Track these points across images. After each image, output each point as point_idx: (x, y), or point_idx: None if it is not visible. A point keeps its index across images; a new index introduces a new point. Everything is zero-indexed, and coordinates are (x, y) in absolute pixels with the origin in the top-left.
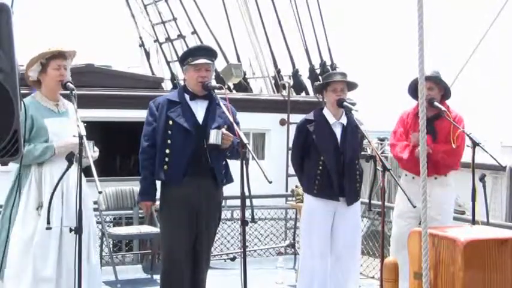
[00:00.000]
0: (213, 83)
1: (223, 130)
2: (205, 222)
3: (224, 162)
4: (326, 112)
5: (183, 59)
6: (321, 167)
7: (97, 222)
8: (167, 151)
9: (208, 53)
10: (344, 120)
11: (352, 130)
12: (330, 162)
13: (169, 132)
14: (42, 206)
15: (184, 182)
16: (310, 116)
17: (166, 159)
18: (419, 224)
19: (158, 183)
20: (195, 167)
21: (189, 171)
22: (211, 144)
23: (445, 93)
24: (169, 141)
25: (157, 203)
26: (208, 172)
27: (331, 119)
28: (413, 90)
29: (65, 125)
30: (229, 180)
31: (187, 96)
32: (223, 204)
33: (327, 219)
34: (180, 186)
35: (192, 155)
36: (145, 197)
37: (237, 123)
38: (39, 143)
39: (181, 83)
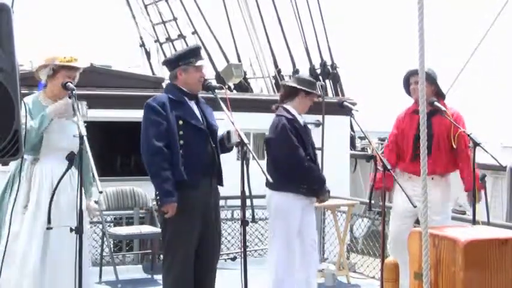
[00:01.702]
0: (213, 82)
1: (236, 129)
2: (213, 222)
3: None
4: (294, 112)
5: (183, 59)
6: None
7: (97, 222)
8: (181, 152)
9: (201, 53)
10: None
11: (307, 128)
12: (312, 159)
13: (181, 132)
14: (27, 207)
15: (200, 183)
16: (289, 115)
17: (182, 160)
18: (416, 223)
19: None
20: (208, 167)
21: (204, 172)
22: (231, 144)
23: (439, 90)
24: (181, 142)
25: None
26: (217, 172)
27: (299, 118)
28: (404, 84)
29: (64, 125)
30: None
31: (185, 97)
32: (223, 204)
33: (299, 216)
34: (196, 188)
35: (207, 154)
36: (171, 200)
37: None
38: (34, 119)
39: None
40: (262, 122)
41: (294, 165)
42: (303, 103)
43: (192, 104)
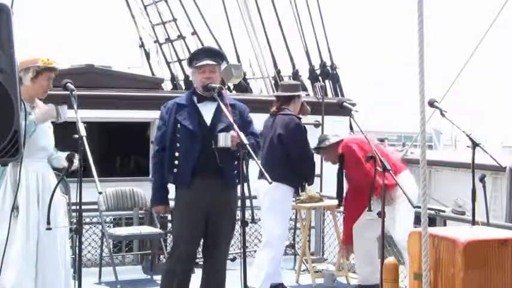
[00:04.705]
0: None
1: (232, 132)
2: (215, 223)
3: (236, 163)
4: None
5: (189, 63)
6: None
7: (97, 223)
8: (176, 154)
9: (212, 54)
10: None
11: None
12: None
13: (178, 135)
14: (18, 209)
15: (193, 184)
16: (296, 117)
17: (176, 162)
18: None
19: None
20: (203, 168)
21: (197, 173)
22: (220, 147)
23: None
24: (177, 144)
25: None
26: (217, 173)
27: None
28: None
29: (40, 127)
30: (243, 180)
31: (195, 99)
32: None
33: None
34: (188, 188)
35: (199, 157)
36: (155, 202)
37: (250, 122)
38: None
39: (181, 83)
40: (262, 123)
41: (304, 158)
42: (297, 106)
43: (203, 107)
